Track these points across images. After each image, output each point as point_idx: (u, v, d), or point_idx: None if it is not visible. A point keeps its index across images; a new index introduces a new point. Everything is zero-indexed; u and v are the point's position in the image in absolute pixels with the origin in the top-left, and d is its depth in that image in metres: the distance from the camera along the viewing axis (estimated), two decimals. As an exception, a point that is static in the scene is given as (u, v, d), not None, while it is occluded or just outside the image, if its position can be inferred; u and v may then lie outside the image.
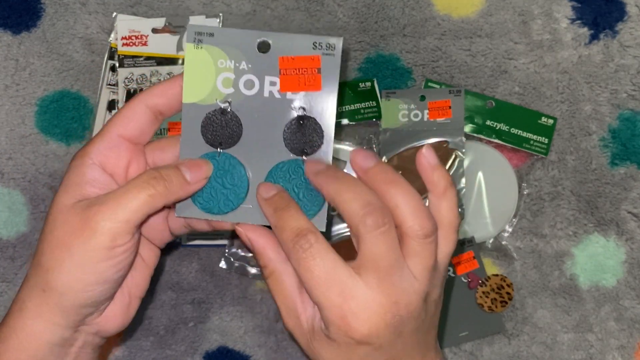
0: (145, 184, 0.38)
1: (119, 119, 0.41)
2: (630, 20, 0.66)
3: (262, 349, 0.64)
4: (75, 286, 0.38)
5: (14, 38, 0.66)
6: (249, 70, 0.42)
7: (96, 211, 0.37)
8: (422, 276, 0.38)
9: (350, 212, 0.38)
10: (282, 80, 0.42)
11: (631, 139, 0.65)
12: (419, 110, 0.65)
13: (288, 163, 0.42)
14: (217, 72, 0.42)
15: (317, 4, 0.66)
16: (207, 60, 0.42)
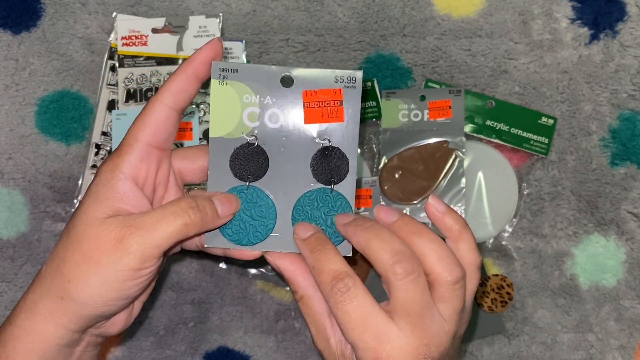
0: (183, 212, 0.39)
1: (145, 126, 0.41)
2: (630, 20, 0.66)
3: (262, 349, 0.64)
4: (97, 300, 0.39)
5: (14, 38, 0.66)
6: (274, 104, 0.43)
7: (131, 233, 0.38)
8: (452, 319, 0.39)
9: (380, 260, 0.39)
10: (306, 113, 0.43)
11: (631, 139, 0.65)
12: (419, 110, 0.65)
13: (316, 192, 0.44)
14: (243, 107, 0.43)
15: (317, 3, 0.66)
16: (232, 95, 0.43)
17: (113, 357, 0.64)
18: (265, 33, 0.66)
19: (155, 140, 0.41)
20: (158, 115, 0.41)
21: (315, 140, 0.43)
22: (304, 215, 0.44)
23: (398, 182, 0.64)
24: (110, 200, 0.39)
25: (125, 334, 0.64)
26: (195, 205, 0.40)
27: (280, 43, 0.66)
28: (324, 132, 0.44)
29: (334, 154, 0.44)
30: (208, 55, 0.42)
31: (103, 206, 0.39)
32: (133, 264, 0.38)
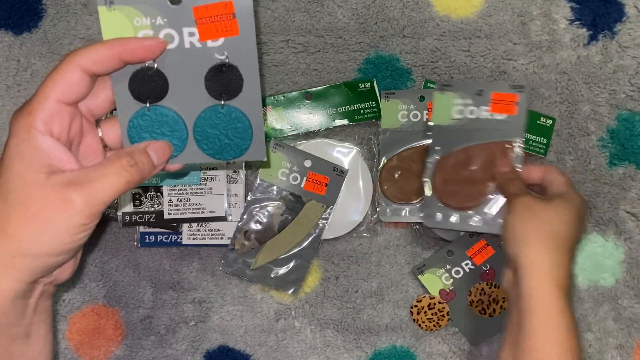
0: (124, 171, 0.42)
1: (56, 85, 0.42)
2: (628, 21, 0.66)
3: (262, 348, 0.65)
4: (50, 253, 0.41)
5: (15, 39, 0.66)
6: (166, 24, 0.43)
7: (79, 191, 0.40)
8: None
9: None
10: (200, 29, 0.43)
11: (630, 139, 0.66)
12: (418, 111, 0.65)
13: (208, 111, 0.45)
14: (135, 30, 0.43)
15: (317, 4, 0.66)
16: (123, 20, 0.43)
17: (114, 356, 0.65)
18: (265, 34, 0.66)
19: (66, 98, 0.42)
20: (70, 76, 0.42)
21: (213, 56, 0.43)
22: (203, 135, 0.45)
23: (397, 182, 0.64)
24: (38, 158, 0.40)
25: (126, 333, 0.64)
26: (135, 163, 0.42)
27: (281, 44, 0.66)
28: (221, 48, 0.43)
29: (228, 69, 0.44)
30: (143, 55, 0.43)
31: (35, 165, 0.40)
32: (82, 220, 0.40)
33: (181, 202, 0.64)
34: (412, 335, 0.65)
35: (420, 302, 0.64)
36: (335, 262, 0.65)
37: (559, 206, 0.54)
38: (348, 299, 0.65)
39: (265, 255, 0.64)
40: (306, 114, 0.65)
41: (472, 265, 0.64)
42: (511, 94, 0.60)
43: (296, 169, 0.64)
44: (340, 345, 0.65)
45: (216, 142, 0.46)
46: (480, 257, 0.64)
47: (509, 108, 0.60)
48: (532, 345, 0.49)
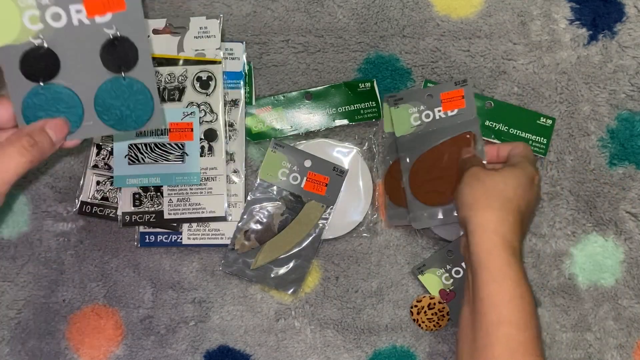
0: (24, 150, 0.43)
1: None
2: (628, 21, 0.66)
3: (262, 348, 0.65)
4: None
5: (15, 39, 0.66)
6: (52, 3, 0.43)
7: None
8: None
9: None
10: (87, 5, 0.44)
11: (629, 139, 0.66)
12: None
13: (110, 82, 0.46)
14: (21, 11, 0.43)
15: (317, 5, 0.66)
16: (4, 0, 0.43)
17: (114, 356, 0.65)
18: (265, 34, 0.66)
19: None
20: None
21: (103, 32, 0.44)
22: (104, 107, 0.46)
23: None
24: None
25: (126, 333, 0.64)
26: (35, 142, 0.43)
27: (281, 44, 0.66)
28: (110, 23, 0.45)
29: (121, 42, 0.45)
30: None
31: None
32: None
33: (181, 202, 0.64)
34: (412, 335, 0.65)
35: (420, 302, 0.64)
36: (335, 262, 0.65)
37: (505, 172, 0.57)
38: (348, 299, 0.65)
39: (265, 255, 0.64)
40: (306, 114, 0.65)
41: None
42: (457, 90, 0.63)
43: (296, 169, 0.64)
44: (340, 345, 0.65)
45: (117, 113, 0.47)
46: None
47: (458, 103, 0.63)
48: (484, 295, 0.52)
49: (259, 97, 0.66)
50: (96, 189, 0.64)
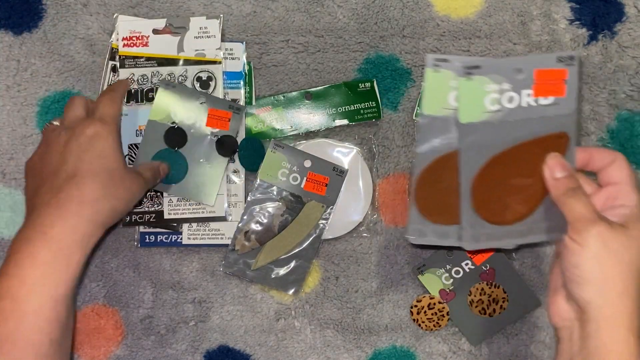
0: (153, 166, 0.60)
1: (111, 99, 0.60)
2: (628, 21, 0.66)
3: (262, 348, 0.65)
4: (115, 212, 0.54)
5: (15, 39, 0.66)
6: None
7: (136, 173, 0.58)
8: None
9: None
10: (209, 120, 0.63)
11: (629, 140, 0.66)
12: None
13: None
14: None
15: (317, 5, 0.66)
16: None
17: (114, 356, 0.65)
18: (265, 34, 0.66)
19: None
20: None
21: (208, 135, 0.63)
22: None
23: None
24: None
25: (126, 333, 0.64)
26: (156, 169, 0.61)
27: (281, 44, 0.66)
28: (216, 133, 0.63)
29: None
30: None
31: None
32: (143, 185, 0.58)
33: (181, 202, 0.64)
34: (412, 335, 0.65)
35: (420, 302, 0.64)
36: (335, 262, 0.65)
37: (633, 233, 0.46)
38: (348, 299, 0.65)
39: (265, 255, 0.64)
40: (306, 114, 0.65)
41: (472, 265, 0.64)
42: (559, 70, 0.47)
43: (296, 169, 0.64)
44: (340, 345, 0.65)
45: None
46: (480, 257, 0.64)
47: (557, 88, 0.48)
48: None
49: (259, 97, 0.66)
50: (96, 189, 0.64)
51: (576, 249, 0.47)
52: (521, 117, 0.49)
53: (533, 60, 0.48)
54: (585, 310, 0.46)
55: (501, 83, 0.48)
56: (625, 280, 0.45)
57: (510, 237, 0.52)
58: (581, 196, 0.48)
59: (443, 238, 0.52)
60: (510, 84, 0.48)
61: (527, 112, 0.48)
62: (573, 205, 0.48)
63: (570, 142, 0.49)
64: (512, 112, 0.48)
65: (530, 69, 0.48)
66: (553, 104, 0.48)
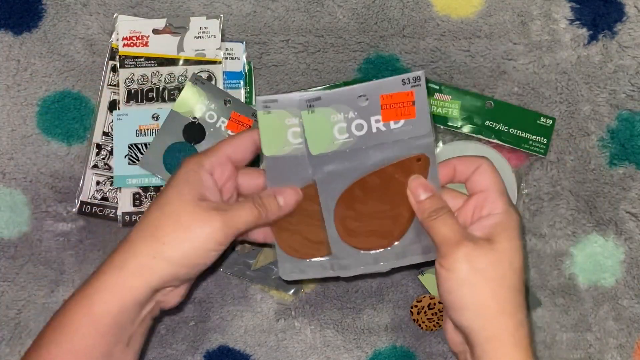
0: (255, 207, 0.50)
1: (230, 144, 0.52)
2: (628, 21, 0.66)
3: (262, 348, 0.65)
4: (185, 262, 0.48)
5: (15, 39, 0.66)
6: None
7: (221, 215, 0.48)
8: None
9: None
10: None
11: (630, 139, 0.66)
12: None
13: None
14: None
15: (317, 4, 0.66)
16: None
17: (114, 356, 0.65)
18: (265, 34, 0.66)
19: (234, 155, 0.52)
20: (243, 140, 0.52)
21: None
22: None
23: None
24: (198, 187, 0.49)
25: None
26: (262, 204, 0.50)
27: (281, 44, 0.66)
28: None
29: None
30: None
31: (194, 190, 0.49)
32: (218, 237, 0.48)
33: (181, 202, 0.64)
34: (412, 335, 0.65)
35: (420, 302, 0.64)
36: (335, 262, 0.65)
37: (506, 252, 0.46)
38: (348, 299, 0.65)
39: (265, 256, 0.64)
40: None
41: None
42: (404, 92, 0.46)
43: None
44: (340, 345, 0.65)
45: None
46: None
47: (406, 110, 0.47)
48: None
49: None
50: (96, 189, 0.64)
51: (445, 274, 0.46)
52: (374, 142, 0.48)
53: (376, 86, 0.47)
54: (468, 335, 0.46)
55: (347, 112, 0.47)
56: (499, 299, 0.45)
57: (386, 261, 0.52)
58: (445, 217, 0.48)
59: (320, 271, 0.53)
60: (356, 112, 0.47)
61: (379, 137, 0.48)
62: (437, 228, 0.47)
63: (429, 162, 0.49)
64: (363, 139, 0.48)
65: (375, 95, 0.47)
66: (404, 126, 0.48)
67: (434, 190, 0.50)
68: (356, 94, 0.47)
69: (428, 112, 0.47)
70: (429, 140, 0.48)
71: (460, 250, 0.45)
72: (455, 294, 0.46)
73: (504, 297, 0.45)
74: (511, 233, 0.47)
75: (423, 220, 0.49)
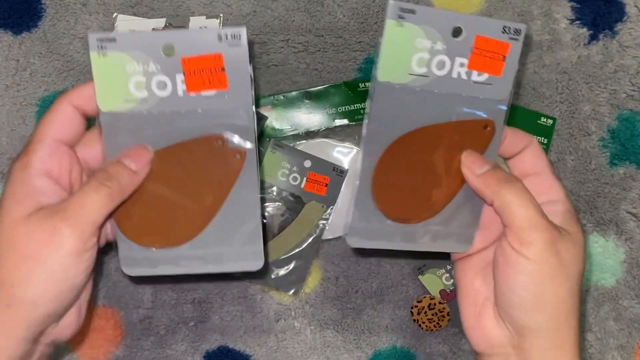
0: (101, 185, 0.39)
1: (51, 122, 0.41)
2: (629, 20, 0.66)
3: (262, 348, 0.65)
4: (46, 296, 0.38)
5: (14, 38, 0.66)
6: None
7: (61, 218, 0.38)
8: None
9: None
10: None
11: (630, 139, 0.66)
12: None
13: None
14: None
15: (317, 4, 0.66)
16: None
17: (113, 357, 0.64)
18: (265, 34, 0.66)
19: (62, 136, 0.41)
20: (63, 114, 0.41)
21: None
22: None
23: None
24: (30, 197, 0.39)
25: (125, 333, 0.64)
26: (109, 176, 0.40)
27: (281, 44, 0.66)
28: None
29: None
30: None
31: (25, 204, 0.39)
32: (73, 246, 0.38)
33: (181, 203, 0.64)
34: (412, 335, 0.65)
35: (420, 302, 0.64)
36: (335, 262, 0.65)
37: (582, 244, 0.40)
38: (348, 300, 0.65)
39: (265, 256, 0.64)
40: (306, 113, 0.65)
41: None
42: (500, 42, 0.39)
43: (296, 170, 0.64)
44: (340, 345, 0.65)
45: None
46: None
47: (494, 64, 0.39)
48: None
49: (259, 97, 0.66)
50: (95, 189, 0.64)
51: (524, 265, 0.38)
52: (449, 90, 0.40)
53: (475, 21, 0.39)
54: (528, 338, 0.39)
55: (435, 41, 0.38)
56: (573, 298, 0.39)
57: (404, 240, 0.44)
58: (524, 190, 0.40)
59: None
60: (445, 45, 0.39)
61: (457, 85, 0.40)
62: (515, 206, 0.39)
63: (494, 135, 0.41)
64: (440, 81, 0.39)
65: (471, 32, 0.39)
66: (486, 82, 0.40)
67: (495, 163, 0.42)
68: (452, 23, 0.38)
69: (514, 74, 0.40)
70: (503, 108, 0.41)
71: (548, 237, 0.38)
72: (533, 288, 0.38)
73: (577, 296, 0.39)
74: (579, 222, 0.42)
75: (493, 194, 0.40)
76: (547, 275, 0.38)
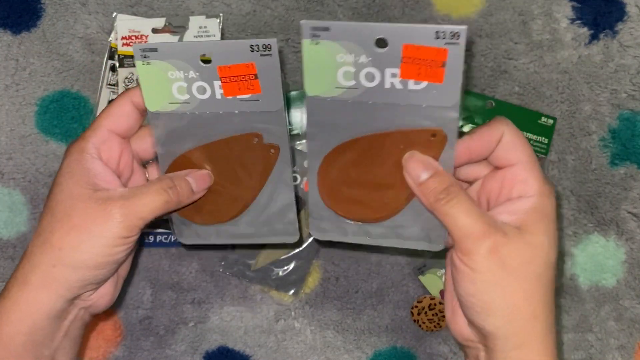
0: (163, 191, 0.44)
1: (109, 115, 0.46)
2: (630, 20, 0.66)
3: (262, 348, 0.64)
4: (88, 264, 0.43)
5: (14, 38, 0.66)
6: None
7: (120, 206, 0.43)
8: None
9: None
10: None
11: (631, 139, 0.65)
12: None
13: None
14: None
15: (317, 4, 0.66)
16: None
17: (113, 357, 0.64)
18: (265, 33, 0.66)
19: (117, 128, 0.46)
20: (122, 108, 0.46)
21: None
22: None
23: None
24: (86, 177, 0.44)
25: (125, 334, 0.64)
26: (173, 186, 0.45)
27: (281, 43, 0.66)
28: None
29: None
30: None
31: (83, 183, 0.43)
32: (121, 232, 0.43)
33: (180, 202, 0.64)
34: (412, 336, 0.64)
35: (420, 302, 0.64)
36: (335, 262, 0.65)
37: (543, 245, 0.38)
38: (348, 300, 0.65)
39: (265, 256, 0.64)
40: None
41: None
42: (434, 48, 0.36)
43: (296, 170, 0.64)
44: (340, 346, 0.64)
45: None
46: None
47: (433, 72, 0.37)
48: None
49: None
50: (95, 189, 0.64)
51: (469, 274, 0.38)
52: (384, 100, 0.39)
53: (401, 30, 0.37)
54: (490, 340, 0.39)
55: (359, 55, 0.38)
56: (532, 302, 0.38)
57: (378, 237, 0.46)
58: (461, 201, 0.39)
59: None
60: (370, 57, 0.38)
61: (392, 95, 0.39)
62: (454, 217, 0.39)
63: (446, 141, 0.40)
64: (371, 92, 0.40)
65: (397, 42, 0.37)
66: (426, 90, 0.38)
67: (437, 167, 0.41)
68: (374, 35, 0.37)
69: (460, 80, 0.38)
70: (453, 115, 0.39)
71: (488, 244, 0.38)
72: (480, 296, 0.38)
73: (538, 299, 0.38)
74: (548, 221, 0.39)
75: (432, 206, 0.40)
76: (491, 284, 0.38)
